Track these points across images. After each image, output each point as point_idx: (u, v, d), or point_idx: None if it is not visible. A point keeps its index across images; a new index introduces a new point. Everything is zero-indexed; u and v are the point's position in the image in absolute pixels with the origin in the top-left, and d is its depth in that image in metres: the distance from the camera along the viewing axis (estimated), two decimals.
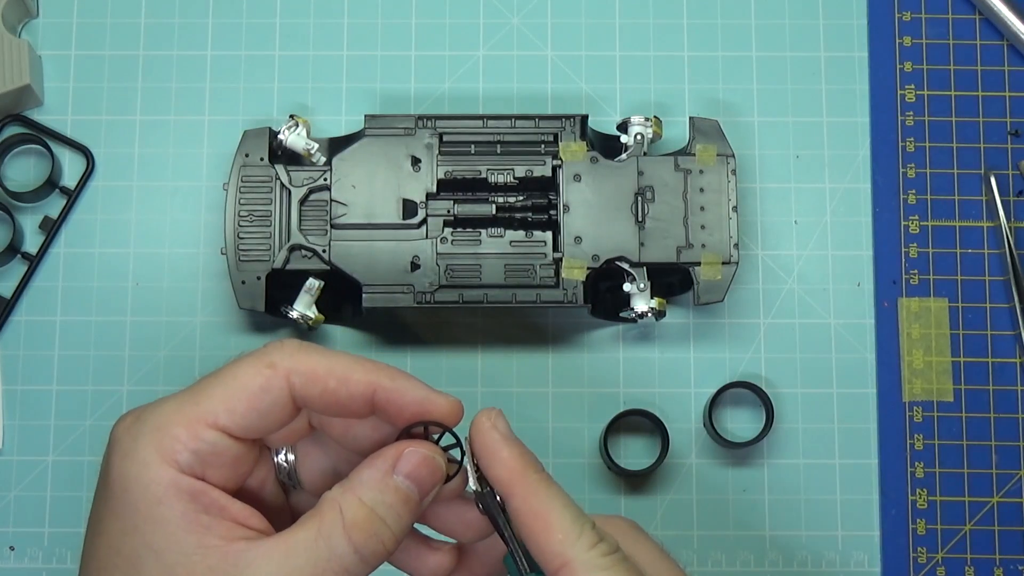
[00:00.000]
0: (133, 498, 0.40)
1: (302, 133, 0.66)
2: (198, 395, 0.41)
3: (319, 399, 0.41)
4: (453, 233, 0.65)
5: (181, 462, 0.40)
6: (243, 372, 0.41)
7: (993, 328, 0.69)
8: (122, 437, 0.41)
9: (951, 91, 0.71)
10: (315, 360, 0.41)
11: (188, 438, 0.40)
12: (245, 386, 0.41)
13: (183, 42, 0.72)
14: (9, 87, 0.68)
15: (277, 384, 0.41)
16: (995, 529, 0.68)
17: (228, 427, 0.40)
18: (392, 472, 0.41)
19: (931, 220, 0.70)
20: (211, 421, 0.40)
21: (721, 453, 0.68)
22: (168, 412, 0.41)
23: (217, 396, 0.41)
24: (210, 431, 0.40)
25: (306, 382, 0.41)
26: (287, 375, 0.41)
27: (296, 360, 0.41)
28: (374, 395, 0.41)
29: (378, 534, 0.40)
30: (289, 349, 0.41)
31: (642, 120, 0.67)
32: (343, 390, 0.41)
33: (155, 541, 0.39)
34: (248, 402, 0.40)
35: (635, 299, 0.65)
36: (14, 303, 0.69)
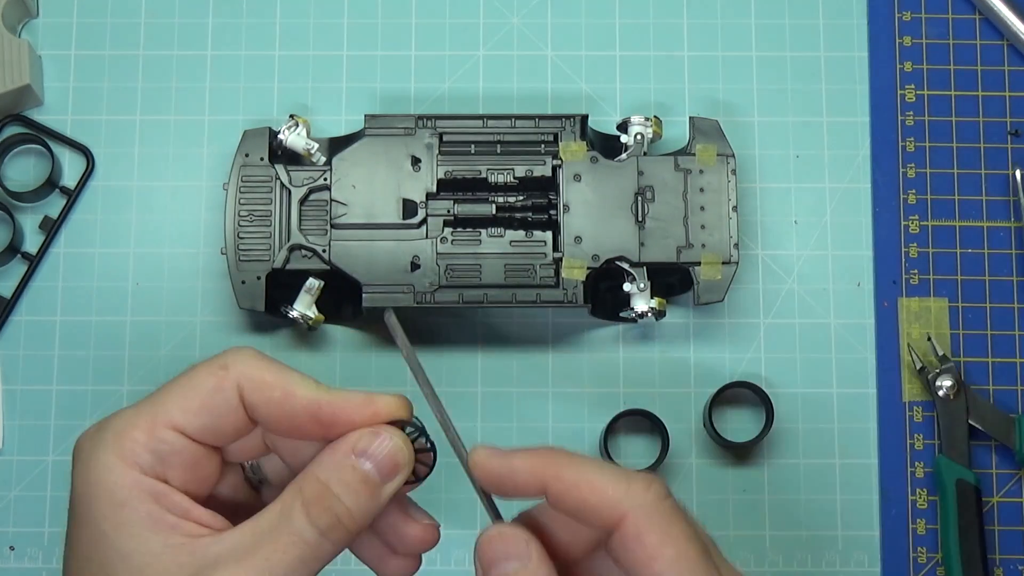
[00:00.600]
0: (98, 504, 0.40)
1: (302, 133, 0.66)
2: (156, 399, 0.42)
3: (265, 408, 0.41)
4: (453, 233, 0.65)
5: (142, 464, 0.41)
6: (198, 374, 0.42)
7: (993, 328, 0.69)
8: (84, 446, 0.41)
9: (951, 91, 0.71)
10: (265, 369, 0.42)
11: (146, 439, 0.41)
12: (199, 387, 0.41)
13: (183, 42, 0.72)
14: (9, 87, 0.68)
15: (228, 385, 0.41)
16: (996, 529, 0.68)
17: (184, 427, 0.41)
18: (351, 453, 0.41)
19: (931, 220, 0.70)
20: (168, 422, 0.41)
21: (721, 453, 0.68)
22: (128, 417, 0.41)
23: (173, 398, 0.41)
24: (167, 431, 0.41)
25: (254, 388, 0.41)
26: (238, 378, 0.41)
27: (247, 366, 0.42)
28: (319, 411, 0.41)
29: (333, 509, 0.40)
30: (244, 355, 0.42)
31: (642, 120, 0.67)
32: (288, 402, 0.41)
33: (122, 545, 0.40)
34: (202, 402, 0.41)
35: (635, 299, 0.65)
36: (14, 303, 0.69)
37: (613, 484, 0.40)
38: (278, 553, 0.40)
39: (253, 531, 0.40)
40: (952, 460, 0.67)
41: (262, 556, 0.40)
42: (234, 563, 0.40)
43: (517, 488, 0.41)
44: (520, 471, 0.41)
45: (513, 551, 0.41)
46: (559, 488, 0.40)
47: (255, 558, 0.40)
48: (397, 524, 0.44)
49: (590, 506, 0.40)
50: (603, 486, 0.40)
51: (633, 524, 0.39)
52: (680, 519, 0.40)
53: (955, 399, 0.67)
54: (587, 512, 0.40)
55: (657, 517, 0.39)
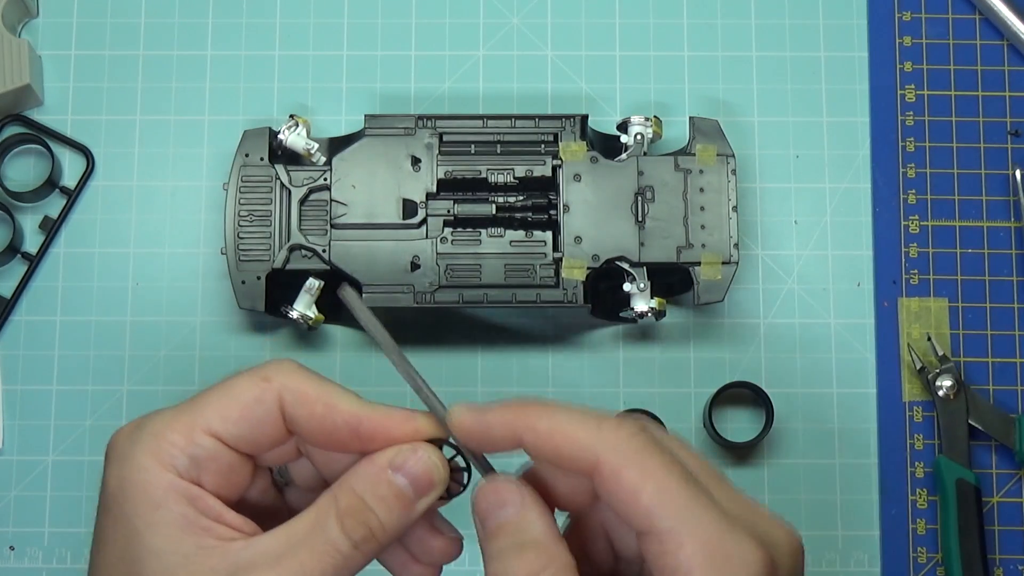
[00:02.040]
0: (132, 503, 0.41)
1: (302, 133, 0.66)
2: (195, 404, 0.42)
3: (306, 422, 0.42)
4: (453, 233, 0.65)
5: (178, 466, 0.41)
6: (239, 384, 0.42)
7: (993, 328, 0.69)
8: (121, 443, 0.42)
9: (951, 91, 0.71)
10: (308, 382, 0.42)
11: (184, 443, 0.41)
12: (239, 396, 0.42)
13: (183, 42, 0.72)
14: (9, 87, 0.68)
15: (270, 397, 0.42)
16: (996, 529, 0.68)
17: (222, 434, 0.42)
18: (387, 468, 0.42)
19: (931, 220, 0.70)
20: (206, 428, 0.41)
21: (721, 453, 0.68)
22: (166, 419, 0.42)
23: (213, 405, 0.42)
24: (205, 437, 0.41)
25: (296, 401, 0.42)
26: (280, 391, 0.42)
27: (290, 378, 0.42)
28: (359, 426, 0.42)
29: (367, 523, 0.41)
30: (286, 368, 0.42)
31: (642, 120, 0.67)
32: (329, 417, 0.42)
33: (155, 544, 0.40)
34: (241, 411, 0.42)
35: (635, 299, 0.65)
36: (14, 303, 0.69)
37: (584, 429, 0.40)
38: (312, 561, 0.40)
39: (287, 537, 0.41)
40: (952, 460, 0.67)
41: (296, 562, 0.40)
42: (267, 568, 0.40)
43: (495, 443, 0.42)
44: (495, 426, 0.41)
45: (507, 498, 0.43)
46: (534, 439, 0.41)
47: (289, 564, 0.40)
48: (423, 535, 0.45)
49: (565, 454, 0.40)
50: (574, 432, 0.40)
51: (609, 465, 0.39)
52: (654, 451, 0.40)
53: (955, 399, 0.67)
54: (564, 460, 0.40)
55: (631, 454, 0.39)
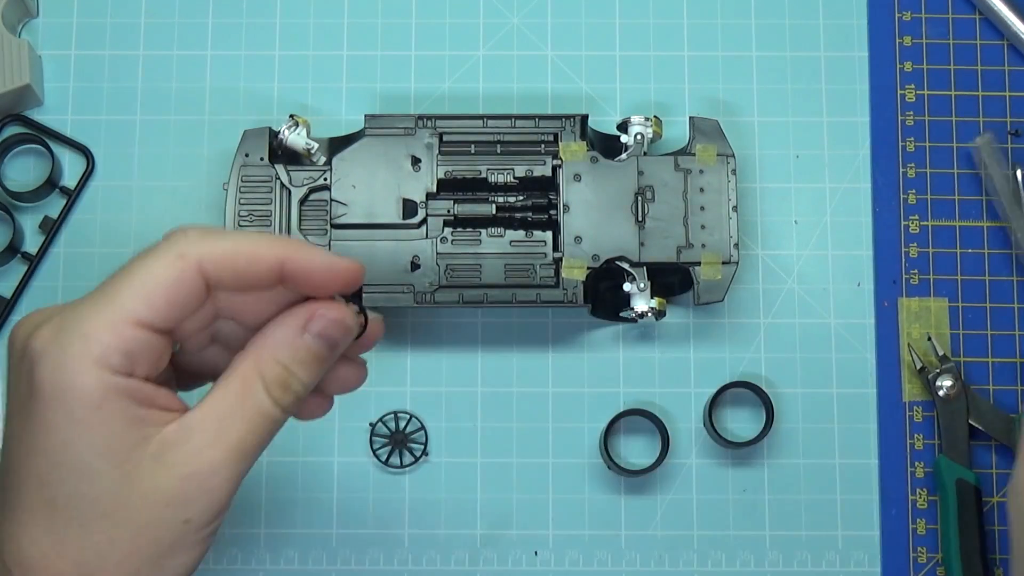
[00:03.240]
0: (69, 407, 0.41)
1: (302, 133, 0.66)
2: (115, 294, 0.42)
3: (232, 280, 0.43)
4: (453, 233, 0.65)
5: (114, 364, 0.41)
6: (155, 265, 0.42)
7: (993, 328, 0.69)
8: (48, 349, 0.41)
9: (951, 91, 0.71)
10: (222, 243, 0.42)
11: (115, 340, 0.41)
12: (160, 280, 0.42)
13: (183, 42, 0.72)
14: (9, 87, 0.68)
15: (190, 274, 0.42)
16: (996, 529, 0.68)
17: (150, 322, 0.42)
18: (303, 331, 0.44)
19: (931, 220, 0.70)
20: (134, 319, 0.41)
21: (721, 453, 0.68)
22: (89, 317, 0.41)
23: (134, 293, 0.41)
24: (134, 329, 0.41)
25: (217, 267, 0.42)
26: (198, 263, 0.42)
27: (203, 246, 0.42)
28: (283, 267, 0.43)
29: (293, 388, 0.44)
30: (193, 236, 0.42)
31: (642, 120, 0.67)
32: (253, 268, 0.43)
33: (99, 443, 0.41)
34: (166, 295, 0.42)
35: (635, 299, 0.65)
36: (14, 303, 0.69)
37: None
38: (250, 432, 0.43)
39: (217, 412, 0.43)
40: (952, 460, 0.67)
41: (235, 436, 0.42)
42: (206, 448, 0.42)
43: None
44: None
45: None
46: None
47: (226, 441, 0.42)
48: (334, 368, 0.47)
49: None
50: None
51: None
52: None
53: (955, 399, 0.67)
54: None
55: None
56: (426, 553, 0.67)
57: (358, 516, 0.68)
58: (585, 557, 0.67)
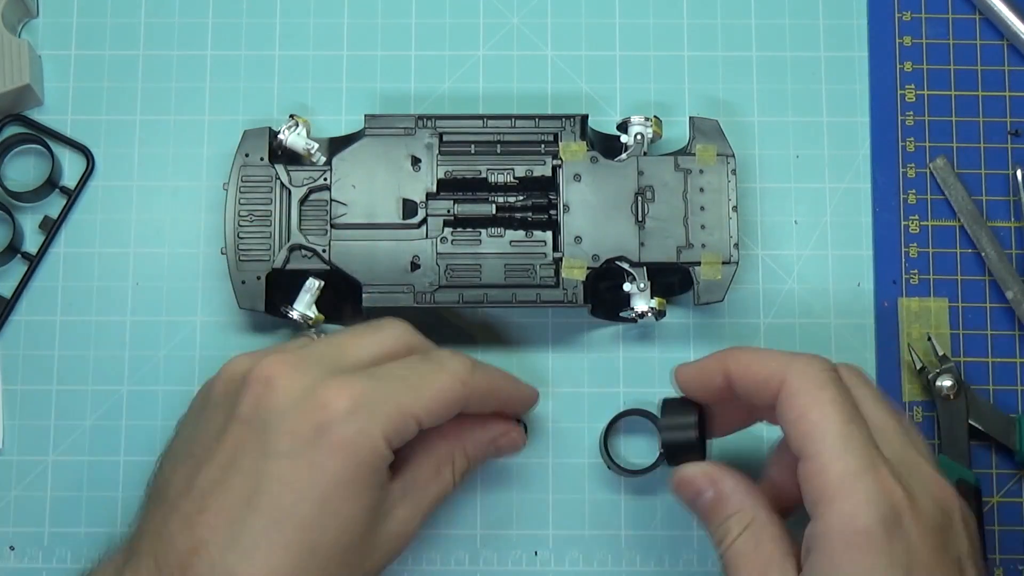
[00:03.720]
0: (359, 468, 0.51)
1: (302, 133, 0.66)
2: (417, 391, 0.54)
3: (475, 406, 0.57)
4: (453, 233, 0.65)
5: (393, 444, 0.53)
6: (446, 384, 0.55)
7: (993, 328, 0.69)
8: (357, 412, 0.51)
9: (951, 91, 0.71)
10: (488, 380, 0.58)
11: (404, 429, 0.53)
12: (445, 397, 0.54)
13: (183, 42, 0.72)
14: (9, 87, 0.68)
15: (464, 398, 0.55)
16: (995, 529, 0.68)
17: (425, 423, 0.54)
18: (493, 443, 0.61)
19: (931, 220, 0.70)
20: (418, 418, 0.53)
21: (722, 453, 0.68)
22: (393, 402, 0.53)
23: (429, 397, 0.54)
24: (415, 424, 0.53)
25: (479, 398, 0.56)
26: (472, 392, 0.55)
27: (476, 380, 0.56)
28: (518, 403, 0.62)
29: (466, 475, 0.60)
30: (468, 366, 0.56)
31: (642, 120, 0.67)
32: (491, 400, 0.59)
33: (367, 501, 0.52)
34: (445, 409, 0.55)
35: (635, 299, 0.65)
36: (14, 303, 0.69)
37: (777, 359, 0.50)
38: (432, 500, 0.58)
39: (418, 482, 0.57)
40: (952, 460, 0.67)
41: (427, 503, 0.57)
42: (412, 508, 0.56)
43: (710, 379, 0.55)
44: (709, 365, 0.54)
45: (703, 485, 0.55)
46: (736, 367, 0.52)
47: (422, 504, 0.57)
48: None
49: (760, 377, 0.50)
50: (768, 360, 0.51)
51: (789, 388, 0.48)
52: (831, 385, 0.49)
53: (955, 399, 0.67)
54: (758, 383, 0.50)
55: (809, 382, 0.47)
56: (426, 553, 0.67)
57: None
58: (585, 557, 0.67)
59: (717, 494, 0.53)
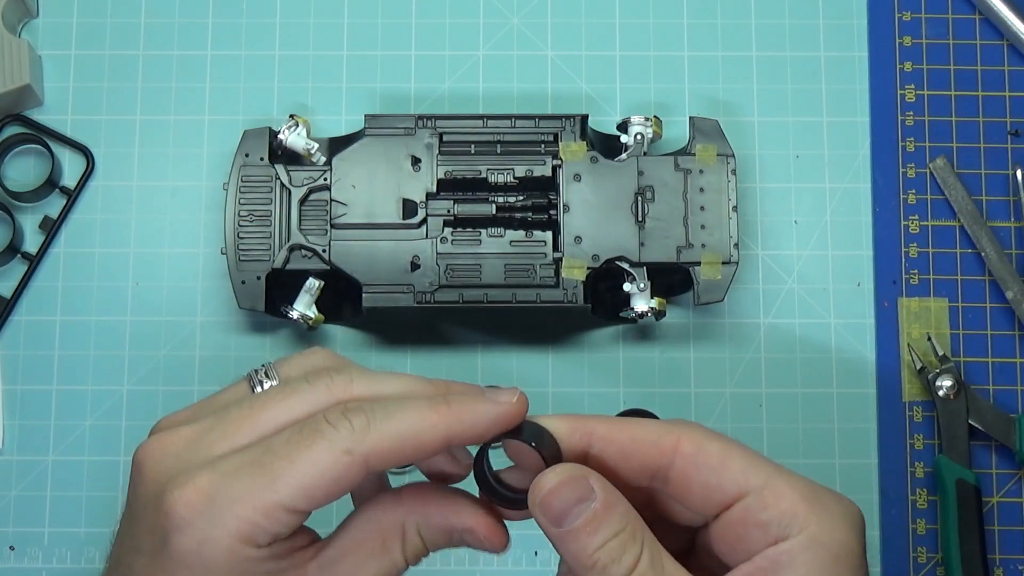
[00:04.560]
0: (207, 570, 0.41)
1: (302, 133, 0.66)
2: (274, 481, 0.41)
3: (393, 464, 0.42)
4: (453, 233, 0.65)
5: (260, 542, 0.41)
6: (320, 459, 0.41)
7: (993, 328, 0.69)
8: (196, 521, 0.41)
9: (951, 91, 0.71)
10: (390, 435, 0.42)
11: (268, 524, 0.41)
12: (323, 475, 0.41)
13: (183, 42, 0.72)
14: (9, 87, 0.68)
15: (355, 472, 0.41)
16: (995, 529, 0.68)
17: (303, 509, 0.42)
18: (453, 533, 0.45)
19: (931, 220, 0.70)
20: (289, 507, 0.41)
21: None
22: (244, 499, 0.41)
23: (294, 483, 0.41)
24: (289, 515, 0.41)
25: (382, 461, 0.42)
26: (365, 460, 0.41)
27: (371, 442, 0.41)
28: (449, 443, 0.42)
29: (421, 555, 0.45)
30: (359, 425, 0.41)
31: (642, 120, 0.67)
32: (418, 454, 0.42)
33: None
34: (326, 489, 0.41)
35: (635, 299, 0.65)
36: (14, 303, 0.69)
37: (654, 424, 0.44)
38: None
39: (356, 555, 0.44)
40: (952, 460, 0.67)
41: None
42: None
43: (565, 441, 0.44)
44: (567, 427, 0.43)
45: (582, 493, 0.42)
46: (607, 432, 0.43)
47: None
48: None
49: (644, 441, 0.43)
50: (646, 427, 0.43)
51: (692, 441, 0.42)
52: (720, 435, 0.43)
53: (955, 399, 0.67)
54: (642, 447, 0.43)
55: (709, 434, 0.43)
56: None
57: None
58: None
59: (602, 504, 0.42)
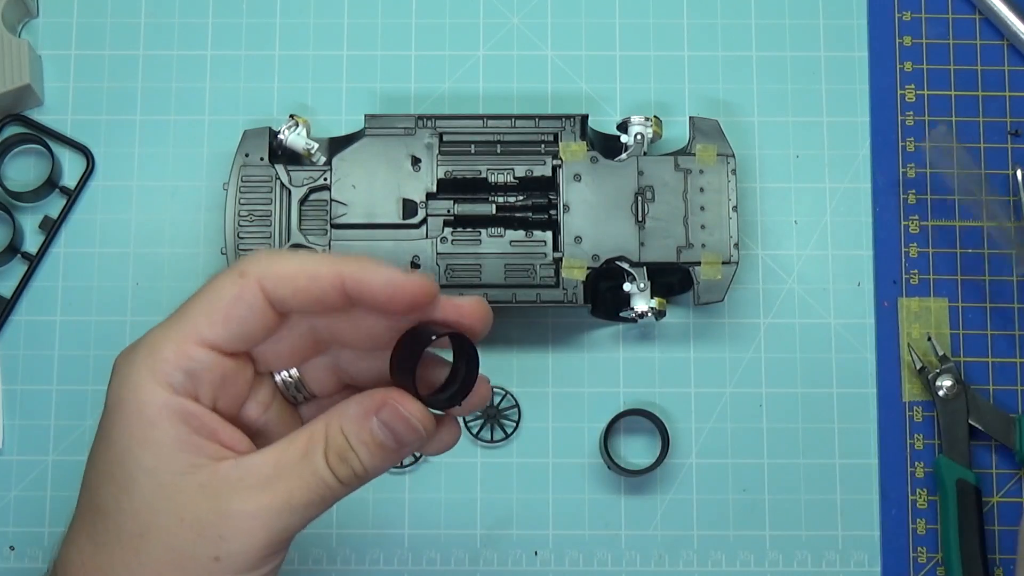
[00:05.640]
0: (128, 422, 0.41)
1: (302, 133, 0.66)
2: (183, 315, 0.42)
3: (293, 299, 0.42)
4: (453, 233, 0.65)
5: (174, 383, 0.41)
6: (218, 285, 0.42)
7: (993, 328, 0.69)
8: (119, 363, 0.42)
9: (951, 91, 0.71)
10: (284, 262, 0.42)
11: (178, 358, 0.41)
12: (221, 297, 0.42)
13: (183, 42, 0.72)
14: (9, 87, 0.68)
15: (250, 290, 0.42)
16: (995, 529, 0.68)
17: (213, 341, 0.42)
18: (372, 415, 0.42)
19: (931, 220, 0.70)
20: (196, 338, 0.41)
21: (721, 452, 0.68)
22: (157, 336, 0.42)
23: (199, 312, 0.42)
24: (197, 348, 0.41)
25: (277, 284, 0.42)
26: (259, 279, 0.42)
27: (265, 265, 0.42)
28: (344, 286, 0.42)
29: (350, 463, 0.42)
30: (258, 257, 0.42)
31: (642, 120, 0.67)
32: (314, 286, 0.42)
33: (147, 461, 0.41)
34: (226, 311, 0.42)
35: (635, 299, 0.65)
36: (14, 303, 0.69)
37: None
38: (300, 491, 0.41)
39: (277, 461, 0.42)
40: (952, 460, 0.67)
41: (283, 490, 0.41)
42: (254, 491, 0.41)
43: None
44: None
45: None
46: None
47: (275, 490, 0.41)
48: None
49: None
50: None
51: None
52: None
53: (955, 399, 0.67)
54: None
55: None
56: (426, 553, 0.67)
57: (358, 516, 0.68)
58: (585, 557, 0.67)
59: None
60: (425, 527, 0.67)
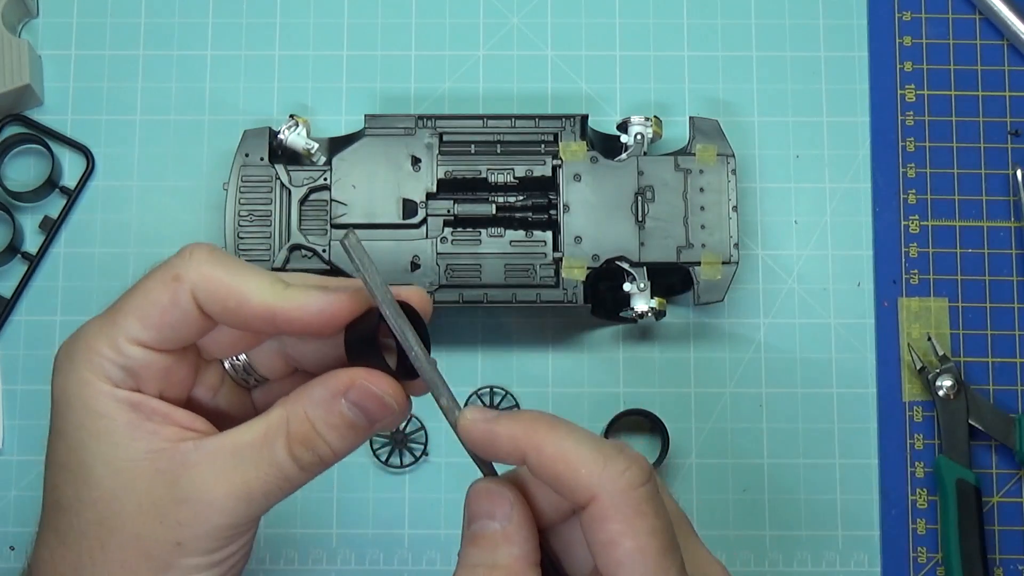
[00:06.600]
0: (77, 416, 0.41)
1: (302, 133, 0.66)
2: (116, 312, 0.41)
3: (221, 316, 0.41)
4: (453, 233, 0.65)
5: (114, 378, 0.41)
6: (152, 286, 0.41)
7: (993, 328, 0.69)
8: (60, 357, 0.42)
9: (951, 91, 0.71)
10: (219, 276, 0.41)
11: (114, 355, 0.41)
12: (155, 301, 0.41)
13: (183, 42, 0.72)
14: (9, 87, 0.68)
15: (184, 298, 0.41)
16: (995, 529, 0.68)
17: (147, 341, 0.41)
18: (339, 397, 0.41)
19: (931, 220, 0.70)
20: (129, 337, 0.41)
21: (721, 453, 0.68)
22: (93, 332, 0.41)
23: (131, 312, 0.41)
24: (131, 346, 0.41)
25: (207, 298, 0.41)
26: (192, 289, 0.41)
27: (200, 273, 0.41)
28: (274, 319, 0.41)
29: (317, 450, 0.41)
30: (197, 260, 0.41)
31: (642, 120, 0.67)
32: (243, 310, 0.41)
33: (103, 451, 0.41)
34: (160, 317, 0.41)
35: (635, 299, 0.65)
36: (14, 303, 0.69)
37: (590, 462, 0.38)
38: (258, 480, 0.41)
39: (235, 446, 0.41)
40: (952, 460, 0.67)
41: (241, 475, 0.40)
42: (212, 476, 0.40)
43: (499, 455, 0.41)
44: (502, 438, 0.40)
45: (498, 511, 0.41)
46: (537, 460, 0.39)
47: (234, 476, 0.40)
48: None
49: (566, 484, 0.39)
50: (578, 463, 0.38)
51: (600, 507, 0.38)
52: (648, 511, 0.39)
53: (955, 399, 0.67)
54: (563, 488, 0.39)
55: (624, 506, 0.38)
56: (426, 553, 0.67)
57: (358, 516, 0.68)
58: None
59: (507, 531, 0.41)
60: (425, 527, 0.67)
